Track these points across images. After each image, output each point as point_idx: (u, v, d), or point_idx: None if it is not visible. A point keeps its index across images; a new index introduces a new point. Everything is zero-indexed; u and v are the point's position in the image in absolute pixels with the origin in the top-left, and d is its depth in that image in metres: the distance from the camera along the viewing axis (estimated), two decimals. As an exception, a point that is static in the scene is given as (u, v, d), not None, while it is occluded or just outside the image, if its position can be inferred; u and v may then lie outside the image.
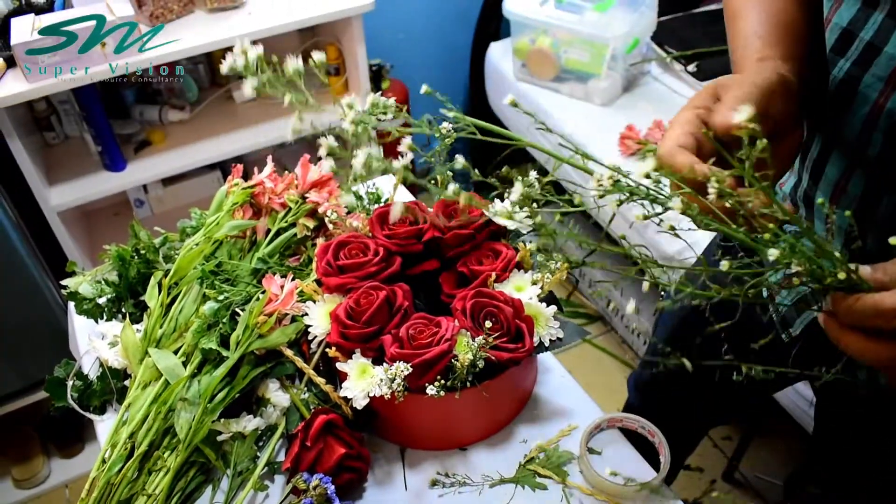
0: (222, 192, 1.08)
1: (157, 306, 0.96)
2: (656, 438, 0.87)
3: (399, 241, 0.91)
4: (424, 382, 0.78)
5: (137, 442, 0.85)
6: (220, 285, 0.95)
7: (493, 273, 0.87)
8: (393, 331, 0.81)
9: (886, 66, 0.60)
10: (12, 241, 1.64)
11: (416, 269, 0.92)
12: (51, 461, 2.06)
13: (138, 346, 0.93)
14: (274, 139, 2.02)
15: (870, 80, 0.62)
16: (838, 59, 0.65)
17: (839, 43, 0.65)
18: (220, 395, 0.87)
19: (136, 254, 1.04)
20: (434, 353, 0.77)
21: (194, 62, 2.11)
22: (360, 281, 0.86)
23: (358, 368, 0.81)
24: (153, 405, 0.86)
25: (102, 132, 1.82)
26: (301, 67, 0.55)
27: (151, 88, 2.09)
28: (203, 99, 2.12)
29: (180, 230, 1.11)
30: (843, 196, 0.69)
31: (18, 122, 1.73)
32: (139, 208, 2.24)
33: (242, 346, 0.88)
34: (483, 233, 0.92)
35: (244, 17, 1.80)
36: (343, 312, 0.83)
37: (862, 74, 0.63)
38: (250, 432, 0.87)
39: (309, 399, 0.91)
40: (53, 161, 1.96)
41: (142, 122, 2.04)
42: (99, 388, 0.97)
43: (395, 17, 2.34)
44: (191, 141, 2.01)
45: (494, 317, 0.82)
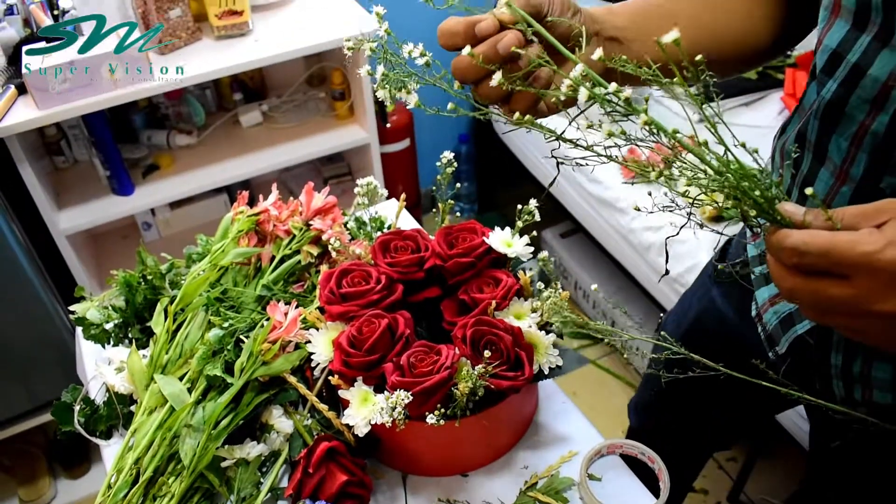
0: (228, 219, 1.10)
1: (163, 332, 0.97)
2: (656, 465, 0.88)
3: (401, 269, 0.92)
4: (425, 411, 0.79)
5: (143, 468, 0.86)
6: (225, 312, 0.97)
7: (493, 301, 0.88)
8: (394, 359, 0.83)
9: (871, 88, 0.62)
10: (21, 264, 1.66)
11: (418, 297, 0.94)
12: (57, 482, 2.07)
13: (144, 371, 0.94)
14: (280, 163, 2.05)
15: (856, 102, 0.64)
16: (827, 80, 0.67)
17: (828, 65, 0.67)
18: (224, 421, 0.88)
19: (142, 280, 1.06)
20: (434, 381, 0.78)
21: (202, 87, 2.14)
22: (363, 309, 0.88)
23: (360, 396, 0.83)
24: (158, 431, 0.88)
25: (111, 157, 1.84)
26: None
27: (160, 113, 2.12)
28: (210, 123, 2.15)
29: (186, 256, 1.12)
30: None
31: (29, 148, 1.76)
32: (147, 231, 2.27)
33: (247, 373, 0.89)
34: (484, 261, 0.93)
35: (251, 43, 1.83)
36: (345, 340, 0.85)
37: (848, 96, 0.64)
38: (254, 458, 0.88)
39: (312, 425, 0.92)
40: (63, 185, 1.99)
41: (150, 147, 2.07)
42: (105, 413, 0.98)
43: (400, 40, 2.38)
44: (198, 165, 2.03)
45: (494, 345, 0.83)
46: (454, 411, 0.80)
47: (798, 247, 0.51)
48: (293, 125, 2.15)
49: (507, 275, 0.92)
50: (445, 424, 0.79)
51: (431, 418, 0.78)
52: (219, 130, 2.14)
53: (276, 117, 2.18)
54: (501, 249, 0.92)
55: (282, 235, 1.08)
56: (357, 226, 1.16)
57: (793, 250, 0.51)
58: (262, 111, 2.17)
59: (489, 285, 0.91)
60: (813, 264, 0.51)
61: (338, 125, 2.16)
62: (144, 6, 1.70)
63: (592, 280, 2.34)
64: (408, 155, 2.47)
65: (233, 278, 1.04)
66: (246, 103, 2.19)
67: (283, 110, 2.20)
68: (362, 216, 1.17)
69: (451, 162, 1.01)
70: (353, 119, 2.17)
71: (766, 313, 0.85)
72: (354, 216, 1.17)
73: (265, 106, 2.19)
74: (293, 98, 2.23)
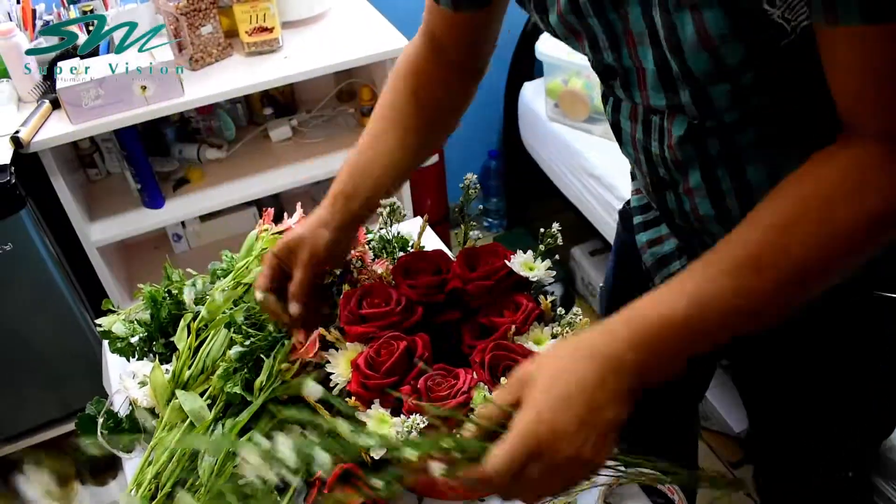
0: (252, 237, 1.11)
1: (186, 349, 0.98)
2: (675, 496, 0.87)
3: (422, 291, 0.92)
4: None
5: (161, 482, 0.87)
6: (246, 330, 0.97)
7: (512, 325, 0.87)
8: (411, 382, 0.82)
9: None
10: (53, 276, 1.70)
11: (439, 319, 0.93)
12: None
13: (166, 387, 0.96)
14: (308, 178, 2.07)
15: (623, 122, 0.82)
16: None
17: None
18: (242, 439, 0.89)
19: (167, 295, 1.07)
20: (449, 406, 0.78)
21: (233, 102, 2.17)
22: (382, 330, 0.88)
23: (377, 418, 0.82)
24: (178, 447, 0.89)
25: (142, 170, 1.88)
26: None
27: (191, 127, 2.15)
28: (240, 138, 2.17)
29: (211, 272, 1.14)
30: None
31: (63, 160, 1.80)
32: (177, 242, 2.30)
33: (266, 392, 0.90)
34: (505, 284, 0.92)
35: (280, 60, 1.86)
36: (363, 362, 0.85)
37: (618, 118, 0.83)
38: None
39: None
40: (95, 197, 2.03)
41: (181, 160, 2.10)
42: (128, 426, 1.00)
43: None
44: (228, 179, 2.06)
45: (512, 370, 0.82)
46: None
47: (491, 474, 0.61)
48: (322, 140, 2.17)
49: (527, 299, 0.91)
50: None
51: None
52: (249, 145, 2.17)
53: (305, 132, 2.20)
54: (523, 273, 0.91)
55: (305, 253, 1.08)
56: (380, 245, 1.16)
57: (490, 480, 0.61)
58: (291, 126, 2.19)
59: (510, 309, 0.90)
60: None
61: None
62: (177, 23, 1.73)
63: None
64: (436, 170, 2.48)
65: (255, 295, 1.05)
66: (276, 118, 2.22)
67: (312, 125, 2.22)
68: (385, 234, 1.17)
69: (474, 184, 1.00)
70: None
71: (645, 254, 0.99)
72: (378, 234, 1.17)
73: (295, 121, 2.21)
74: (322, 113, 2.25)
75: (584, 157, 2.17)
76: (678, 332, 0.61)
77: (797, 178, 0.62)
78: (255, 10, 1.80)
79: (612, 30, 0.71)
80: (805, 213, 0.60)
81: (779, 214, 0.61)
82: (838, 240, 0.59)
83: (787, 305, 0.63)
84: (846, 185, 0.59)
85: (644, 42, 0.68)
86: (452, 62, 0.95)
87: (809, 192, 0.60)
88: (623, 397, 0.61)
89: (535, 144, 2.47)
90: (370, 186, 0.91)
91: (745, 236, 0.62)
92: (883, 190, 0.58)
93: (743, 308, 0.61)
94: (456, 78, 0.96)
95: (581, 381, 0.60)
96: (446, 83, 0.95)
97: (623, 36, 0.70)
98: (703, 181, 0.77)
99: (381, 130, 0.94)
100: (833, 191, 0.59)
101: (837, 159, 0.61)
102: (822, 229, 0.59)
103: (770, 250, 0.60)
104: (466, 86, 0.98)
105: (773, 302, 0.62)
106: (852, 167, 0.59)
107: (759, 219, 0.62)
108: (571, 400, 0.59)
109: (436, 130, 0.98)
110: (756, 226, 0.62)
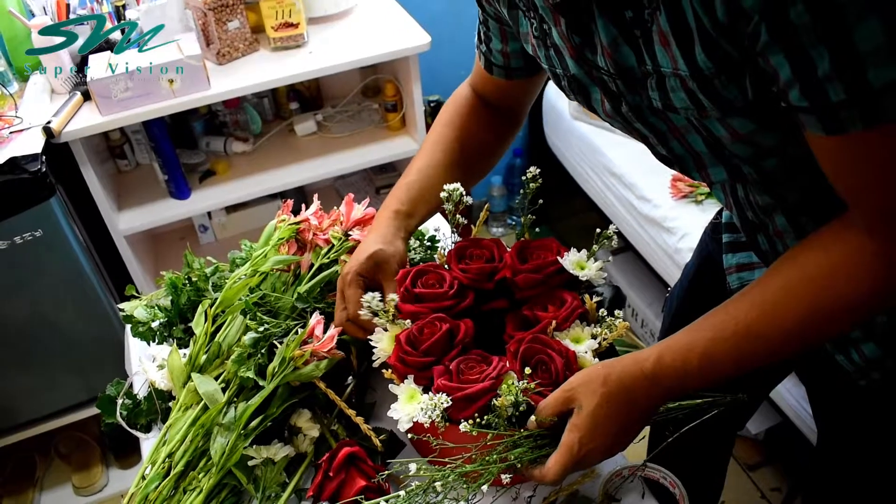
0: (271, 227, 1.14)
1: (202, 334, 1.01)
2: (677, 490, 0.87)
3: (472, 276, 0.92)
4: (463, 417, 0.79)
5: (175, 462, 0.90)
6: (261, 316, 1.00)
7: (552, 321, 0.87)
8: (446, 363, 0.84)
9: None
10: (81, 263, 1.74)
11: (486, 307, 0.94)
12: (109, 470, 2.15)
13: (183, 370, 0.98)
14: (332, 172, 2.10)
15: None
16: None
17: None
18: (254, 422, 0.91)
19: (187, 281, 1.11)
20: (475, 389, 0.79)
21: (259, 96, 2.20)
22: (433, 311, 0.89)
23: (408, 393, 0.84)
24: (192, 428, 0.91)
25: (169, 162, 1.92)
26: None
27: (218, 120, 2.19)
28: (266, 131, 2.21)
29: (231, 261, 1.17)
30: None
31: (93, 151, 1.85)
32: (203, 233, 2.34)
33: (278, 377, 0.92)
34: (554, 279, 0.92)
35: (305, 55, 1.89)
36: (404, 338, 0.86)
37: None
38: (280, 459, 0.91)
39: (338, 430, 0.95)
40: (123, 187, 2.07)
41: (207, 153, 2.14)
42: (146, 407, 1.03)
43: (454, 53, 2.40)
44: (253, 172, 2.09)
45: (545, 364, 0.83)
46: (490, 420, 0.80)
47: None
48: (346, 135, 2.20)
49: (573, 297, 0.90)
50: (477, 435, 0.79)
51: (465, 426, 0.78)
52: (274, 138, 2.20)
53: (330, 127, 2.23)
54: (573, 271, 0.91)
55: (321, 244, 1.11)
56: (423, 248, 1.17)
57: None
58: (316, 120, 2.22)
59: (554, 304, 0.90)
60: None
61: (390, 136, 2.20)
62: (205, 18, 1.77)
63: (641, 298, 2.32)
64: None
65: (272, 284, 1.08)
66: (301, 113, 2.25)
67: (337, 120, 2.25)
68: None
69: (535, 177, 0.98)
70: (405, 130, 2.20)
71: (732, 276, 1.01)
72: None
73: (320, 115, 2.24)
74: (347, 108, 2.28)
75: (605, 156, 2.18)
76: (694, 381, 0.75)
77: (792, 257, 0.71)
78: (281, 6, 1.84)
79: (657, 129, 0.77)
80: (793, 295, 0.69)
81: (770, 293, 0.71)
82: (820, 320, 0.69)
83: (783, 357, 0.74)
84: (835, 275, 0.67)
85: (691, 131, 0.73)
86: (498, 109, 1.06)
87: (796, 276, 0.69)
88: (648, 417, 0.78)
89: (558, 143, 2.48)
90: (423, 213, 1.02)
91: (739, 312, 0.73)
92: (861, 284, 0.65)
93: (744, 365, 0.74)
94: (499, 123, 1.08)
95: (616, 416, 0.76)
96: (491, 127, 1.07)
97: (669, 133, 0.76)
98: (789, 225, 0.81)
99: (437, 163, 1.04)
100: (822, 278, 0.68)
101: (831, 251, 0.68)
102: (806, 310, 0.68)
103: (762, 323, 0.71)
104: (507, 132, 1.09)
105: (767, 360, 0.74)
106: (842, 258, 0.66)
107: (753, 295, 0.73)
108: (608, 427, 0.76)
109: (475, 174, 1.09)
110: (752, 303, 0.72)
